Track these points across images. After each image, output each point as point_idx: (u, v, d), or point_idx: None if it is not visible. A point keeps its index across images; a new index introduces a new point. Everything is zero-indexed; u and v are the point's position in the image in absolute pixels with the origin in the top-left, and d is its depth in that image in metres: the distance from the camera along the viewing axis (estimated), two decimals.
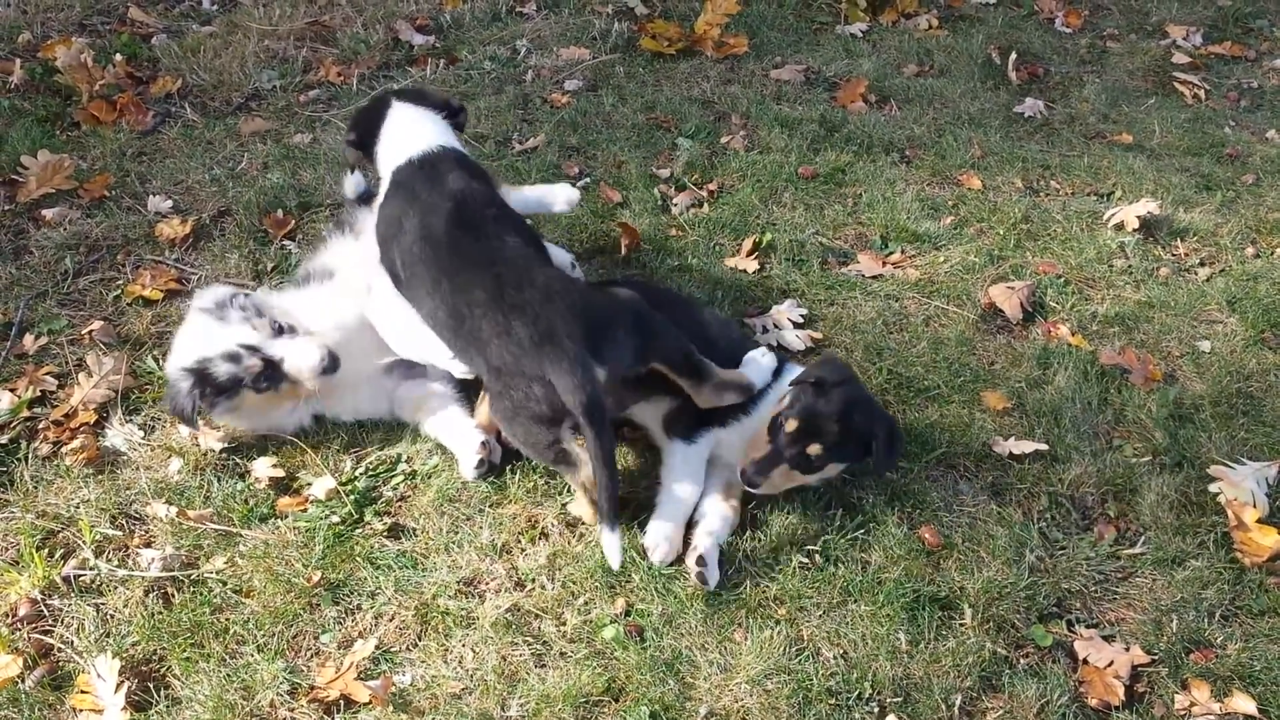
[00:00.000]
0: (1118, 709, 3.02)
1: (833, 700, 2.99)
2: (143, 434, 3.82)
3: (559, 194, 4.12)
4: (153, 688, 3.02)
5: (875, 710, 2.99)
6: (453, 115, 3.95)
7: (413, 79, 6.03)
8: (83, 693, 2.98)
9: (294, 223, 4.80)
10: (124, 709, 2.93)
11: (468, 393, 3.83)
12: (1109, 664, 3.11)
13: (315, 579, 3.29)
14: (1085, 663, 3.13)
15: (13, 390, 3.93)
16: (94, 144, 5.38)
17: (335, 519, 3.48)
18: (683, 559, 3.31)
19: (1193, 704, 3.03)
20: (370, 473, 3.66)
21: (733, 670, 3.06)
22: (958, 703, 3.01)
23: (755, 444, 3.40)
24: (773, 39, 6.67)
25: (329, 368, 3.56)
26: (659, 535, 3.32)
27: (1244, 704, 3.03)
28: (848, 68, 6.37)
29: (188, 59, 6.13)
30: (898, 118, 5.92)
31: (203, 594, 3.27)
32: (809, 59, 6.46)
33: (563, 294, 3.24)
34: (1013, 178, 5.40)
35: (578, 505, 3.44)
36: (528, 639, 3.14)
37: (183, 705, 2.98)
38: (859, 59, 6.48)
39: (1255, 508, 3.54)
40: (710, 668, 3.06)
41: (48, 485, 3.63)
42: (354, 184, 4.46)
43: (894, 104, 6.07)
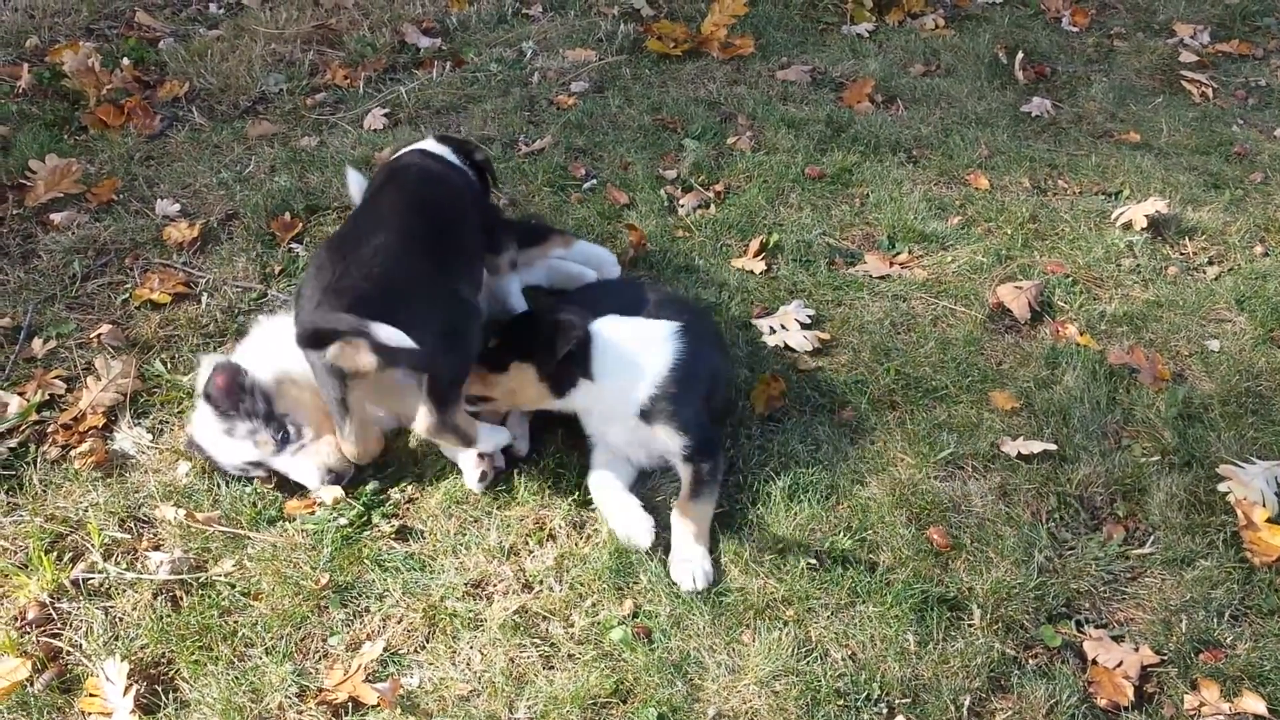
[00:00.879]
0: (1127, 709, 3.00)
1: (841, 701, 2.99)
2: (151, 437, 3.83)
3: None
4: (161, 690, 3.02)
5: (884, 711, 2.98)
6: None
7: (419, 81, 6.03)
8: (91, 696, 2.99)
9: (301, 226, 4.80)
10: (133, 712, 2.94)
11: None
12: (1118, 664, 3.10)
13: (323, 581, 3.30)
14: (1094, 663, 3.12)
15: (21, 394, 3.94)
16: (101, 148, 5.40)
17: (343, 521, 3.48)
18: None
19: (1202, 704, 3.02)
20: (378, 475, 3.66)
21: (741, 671, 3.05)
22: (966, 703, 3.00)
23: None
24: (779, 40, 6.67)
25: (331, 483, 3.57)
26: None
27: (1254, 704, 3.01)
28: (854, 68, 6.36)
29: (195, 63, 6.16)
30: (904, 118, 5.91)
31: (211, 597, 3.28)
32: (815, 59, 6.45)
33: (375, 270, 3.27)
34: (1020, 177, 5.39)
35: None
36: (535, 641, 3.14)
37: (191, 708, 2.99)
38: (865, 59, 6.47)
39: (1265, 507, 3.52)
40: (718, 669, 3.06)
41: (56, 489, 3.64)
42: (360, 186, 4.45)
43: (900, 104, 6.06)
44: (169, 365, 4.09)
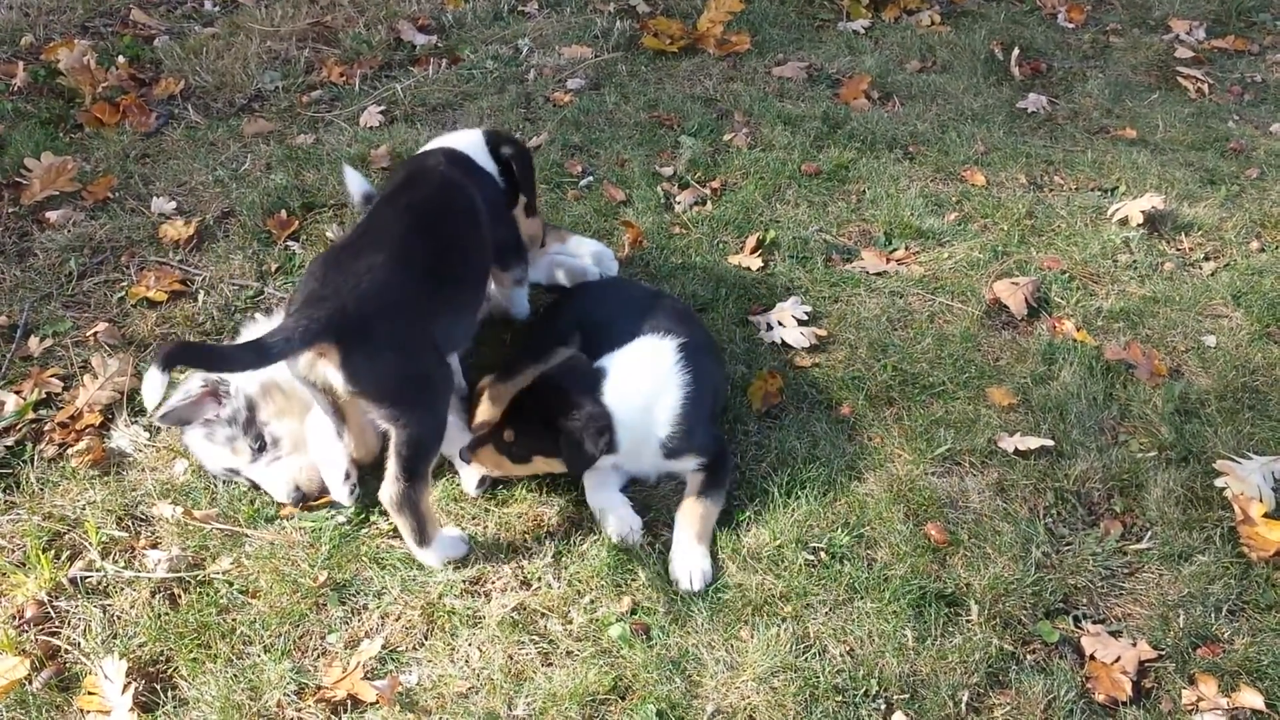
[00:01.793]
0: (1125, 704, 3.01)
1: (839, 697, 2.99)
2: (148, 435, 3.82)
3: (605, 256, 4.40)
4: (160, 688, 3.02)
5: (882, 707, 2.99)
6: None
7: (415, 79, 6.03)
8: (90, 694, 2.99)
9: (297, 223, 4.80)
10: (131, 709, 2.93)
11: (463, 405, 3.84)
12: (1116, 659, 3.10)
13: (321, 579, 3.29)
14: (1092, 658, 3.12)
15: (18, 392, 3.94)
16: (97, 146, 5.39)
17: (341, 519, 3.49)
18: None
19: (1200, 699, 3.02)
20: (374, 473, 3.65)
21: (739, 668, 3.06)
22: (965, 699, 3.01)
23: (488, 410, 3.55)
24: (775, 36, 6.67)
25: (297, 501, 3.55)
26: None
27: (1251, 698, 3.02)
28: (850, 64, 6.37)
29: (190, 60, 6.15)
30: (900, 114, 5.92)
31: (209, 595, 3.27)
32: (811, 56, 6.45)
33: (361, 289, 3.18)
34: (1016, 173, 5.39)
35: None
36: (534, 638, 3.14)
37: (190, 706, 2.98)
38: (861, 55, 6.48)
39: (1261, 502, 3.53)
40: (717, 665, 3.06)
41: (53, 487, 3.63)
42: (357, 184, 4.43)
43: (897, 100, 6.07)
44: None
